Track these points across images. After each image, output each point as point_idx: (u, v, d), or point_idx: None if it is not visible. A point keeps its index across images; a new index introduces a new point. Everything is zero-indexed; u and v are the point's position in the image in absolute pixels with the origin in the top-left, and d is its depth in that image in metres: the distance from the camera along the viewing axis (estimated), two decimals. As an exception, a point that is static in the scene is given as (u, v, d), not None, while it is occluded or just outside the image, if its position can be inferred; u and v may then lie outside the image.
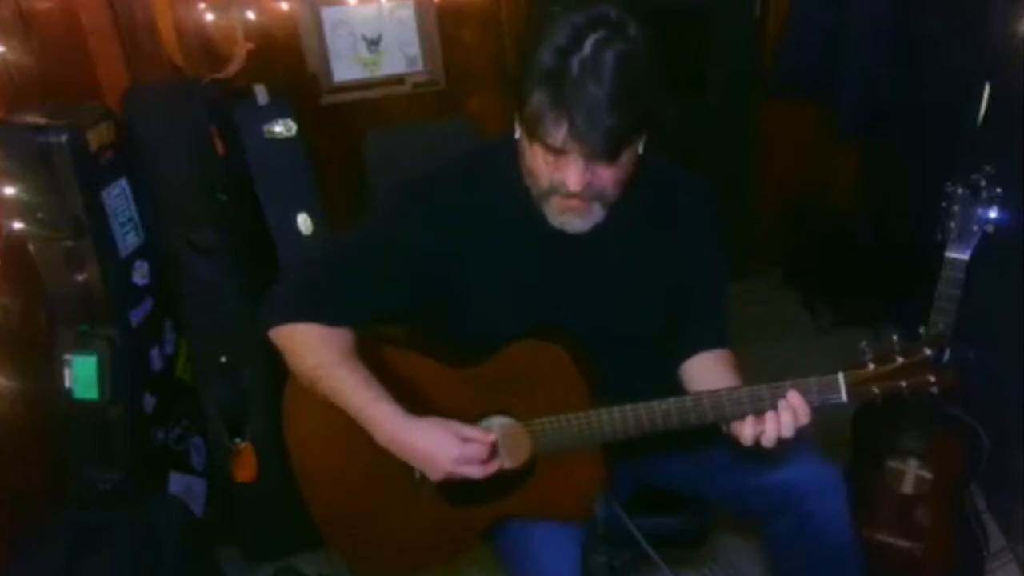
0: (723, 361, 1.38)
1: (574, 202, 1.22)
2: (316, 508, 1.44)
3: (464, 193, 1.32)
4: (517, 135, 1.24)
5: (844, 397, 1.19)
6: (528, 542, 1.33)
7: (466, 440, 1.27)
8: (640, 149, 1.23)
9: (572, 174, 1.17)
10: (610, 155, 1.16)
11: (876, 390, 1.18)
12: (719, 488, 1.46)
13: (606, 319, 1.34)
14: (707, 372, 1.36)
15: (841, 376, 1.18)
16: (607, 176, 1.20)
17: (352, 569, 2.06)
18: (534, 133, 1.17)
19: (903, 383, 1.17)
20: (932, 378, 1.17)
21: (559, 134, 1.14)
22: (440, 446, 1.26)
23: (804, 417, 1.19)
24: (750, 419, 1.21)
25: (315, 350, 1.30)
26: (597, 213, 1.25)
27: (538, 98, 1.13)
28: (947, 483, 1.78)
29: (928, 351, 1.16)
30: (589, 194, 1.21)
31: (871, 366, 1.18)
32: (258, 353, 1.98)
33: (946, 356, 1.18)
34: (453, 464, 1.27)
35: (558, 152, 1.16)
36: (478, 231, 1.31)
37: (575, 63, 1.10)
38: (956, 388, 1.17)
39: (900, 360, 1.17)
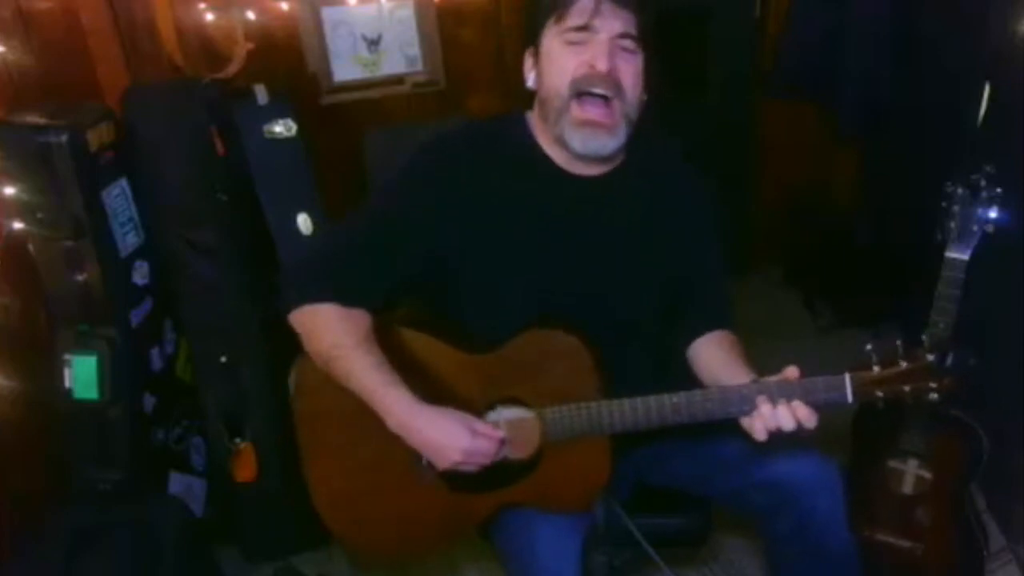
0: (729, 344, 1.41)
1: (598, 108, 1.27)
2: (316, 484, 1.42)
3: (475, 158, 1.36)
4: (530, 82, 1.35)
5: (849, 398, 1.20)
6: (528, 540, 1.33)
7: (476, 434, 1.27)
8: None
9: (599, 53, 1.25)
10: (635, 13, 1.25)
11: (880, 393, 1.19)
12: (719, 485, 1.47)
13: (607, 299, 1.37)
14: (715, 357, 1.38)
15: (847, 377, 1.19)
16: (627, 70, 1.27)
17: (352, 567, 2.07)
18: (559, 17, 1.26)
19: (906, 387, 1.18)
20: (933, 384, 1.18)
21: (585, 5, 1.24)
22: (451, 437, 1.26)
23: (807, 421, 1.20)
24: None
25: (333, 331, 1.30)
26: (618, 133, 1.30)
27: None
28: (947, 483, 1.78)
29: (931, 356, 1.17)
30: (612, 88, 1.26)
31: (876, 368, 1.18)
32: (258, 353, 1.99)
33: (949, 361, 1.18)
34: (462, 455, 1.27)
35: (583, 30, 1.25)
36: (491, 195, 1.34)
37: None
38: (957, 391, 1.18)
39: (904, 364, 1.18)
